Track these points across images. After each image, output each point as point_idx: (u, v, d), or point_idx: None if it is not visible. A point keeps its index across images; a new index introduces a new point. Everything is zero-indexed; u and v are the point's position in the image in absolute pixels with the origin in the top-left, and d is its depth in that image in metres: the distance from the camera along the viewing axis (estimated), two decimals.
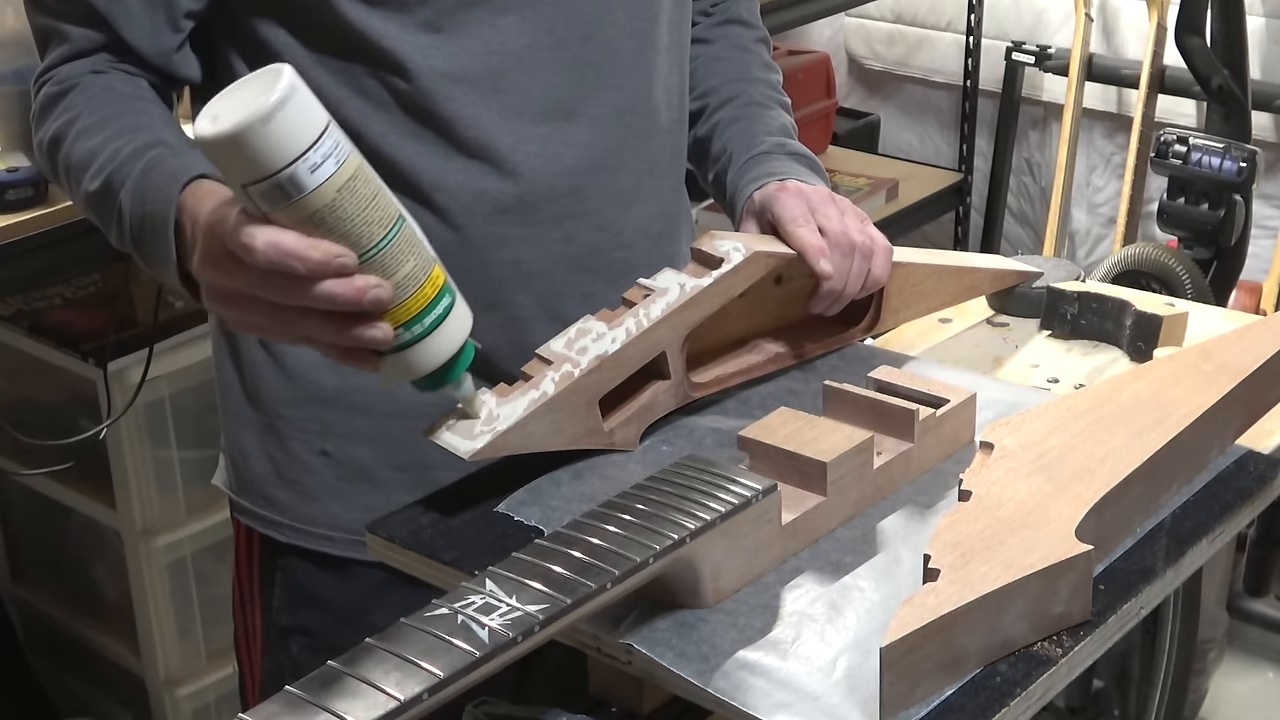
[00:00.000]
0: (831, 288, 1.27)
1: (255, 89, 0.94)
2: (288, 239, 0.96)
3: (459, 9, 1.21)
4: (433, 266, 1.03)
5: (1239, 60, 2.71)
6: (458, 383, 1.07)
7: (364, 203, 0.97)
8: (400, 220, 1.00)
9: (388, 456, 1.30)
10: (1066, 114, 3.00)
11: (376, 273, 0.99)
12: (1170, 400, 1.15)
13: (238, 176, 0.96)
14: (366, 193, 0.98)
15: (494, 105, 1.24)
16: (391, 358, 1.04)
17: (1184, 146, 2.56)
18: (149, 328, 2.09)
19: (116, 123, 1.19)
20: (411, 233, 1.01)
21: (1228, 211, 2.55)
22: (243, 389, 1.35)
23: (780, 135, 1.40)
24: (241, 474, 1.38)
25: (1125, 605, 1.00)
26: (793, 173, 1.33)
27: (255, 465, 1.35)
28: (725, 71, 1.45)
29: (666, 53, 1.34)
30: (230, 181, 0.98)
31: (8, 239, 1.87)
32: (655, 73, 1.33)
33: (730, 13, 1.50)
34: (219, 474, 1.43)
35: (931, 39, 3.38)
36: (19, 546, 2.52)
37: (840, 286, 1.27)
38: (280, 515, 1.35)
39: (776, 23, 2.76)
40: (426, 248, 1.03)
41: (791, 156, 1.37)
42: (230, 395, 1.37)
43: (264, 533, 1.36)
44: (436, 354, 1.05)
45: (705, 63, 1.45)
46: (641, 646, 0.95)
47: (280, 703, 0.77)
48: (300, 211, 0.96)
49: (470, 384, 1.08)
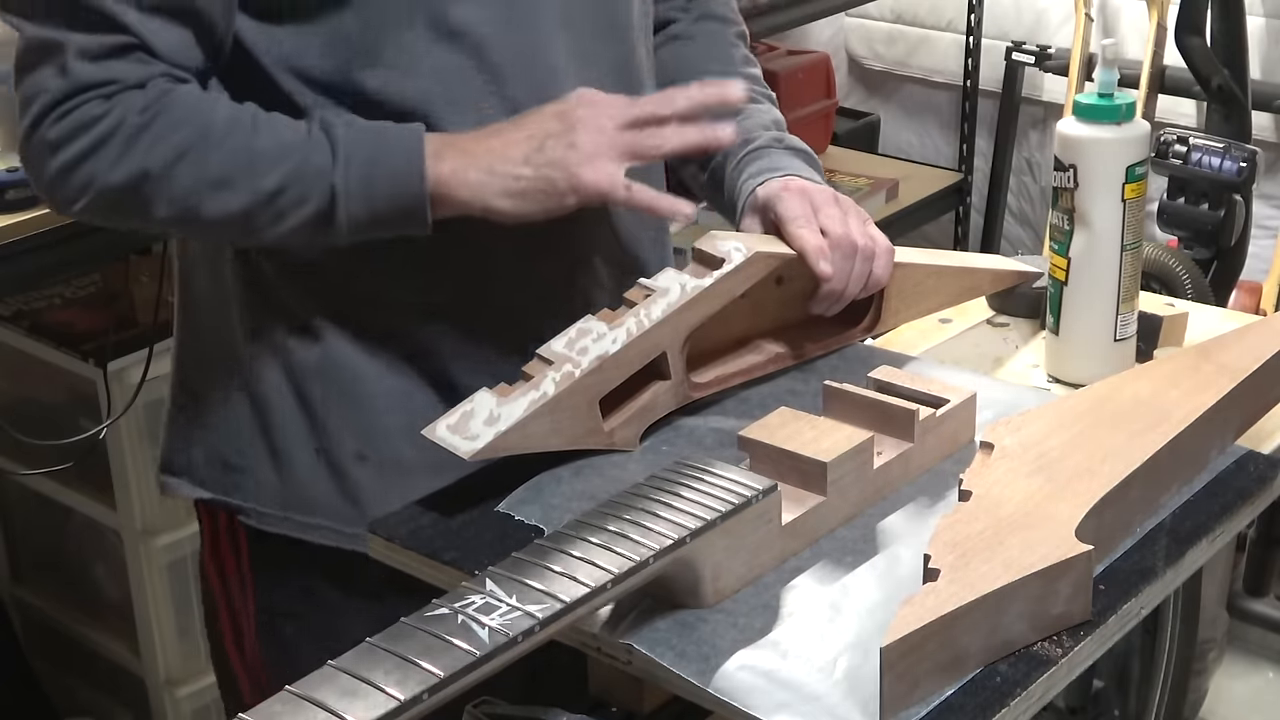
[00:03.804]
0: (832, 289, 1.27)
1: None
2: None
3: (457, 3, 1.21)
4: None
5: (1239, 60, 2.71)
6: None
7: None
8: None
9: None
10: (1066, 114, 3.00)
11: None
12: (1170, 400, 1.15)
13: None
14: None
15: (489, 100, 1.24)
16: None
17: (1184, 146, 2.56)
18: (149, 328, 2.09)
19: (248, 116, 1.18)
20: None
21: (1228, 211, 2.55)
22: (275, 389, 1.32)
23: (773, 128, 1.39)
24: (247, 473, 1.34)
25: (1125, 605, 1.00)
26: (793, 168, 1.33)
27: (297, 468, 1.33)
28: (707, 67, 1.43)
29: (637, 33, 1.34)
30: None
31: (8, 239, 1.87)
32: (633, 51, 1.33)
33: (706, 8, 1.48)
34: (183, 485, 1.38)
35: (931, 39, 3.38)
36: (19, 546, 2.52)
37: (841, 287, 1.27)
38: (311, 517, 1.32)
39: (776, 23, 2.75)
40: None
41: (789, 151, 1.37)
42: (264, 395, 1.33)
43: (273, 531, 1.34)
44: None
45: (688, 60, 1.44)
46: (641, 646, 0.95)
47: (280, 702, 0.77)
48: None
49: None
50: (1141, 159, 1.30)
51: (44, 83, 1.17)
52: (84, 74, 1.16)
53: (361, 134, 1.19)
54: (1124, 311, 1.33)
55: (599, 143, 1.17)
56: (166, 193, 1.18)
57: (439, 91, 1.23)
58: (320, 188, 1.17)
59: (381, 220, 1.19)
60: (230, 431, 1.35)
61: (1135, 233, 1.31)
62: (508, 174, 1.17)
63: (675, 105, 1.20)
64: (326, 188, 1.17)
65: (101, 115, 1.16)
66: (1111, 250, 1.31)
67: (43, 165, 1.19)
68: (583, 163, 1.17)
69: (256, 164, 1.17)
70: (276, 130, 1.19)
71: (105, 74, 1.16)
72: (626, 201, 1.18)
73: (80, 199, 1.19)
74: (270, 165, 1.17)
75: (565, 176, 1.17)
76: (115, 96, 1.16)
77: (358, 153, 1.18)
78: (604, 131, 1.17)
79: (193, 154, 1.17)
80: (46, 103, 1.17)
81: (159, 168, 1.17)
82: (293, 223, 1.19)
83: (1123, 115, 1.29)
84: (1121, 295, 1.32)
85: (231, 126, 1.18)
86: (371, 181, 1.18)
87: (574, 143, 1.17)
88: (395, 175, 1.17)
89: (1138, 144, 1.30)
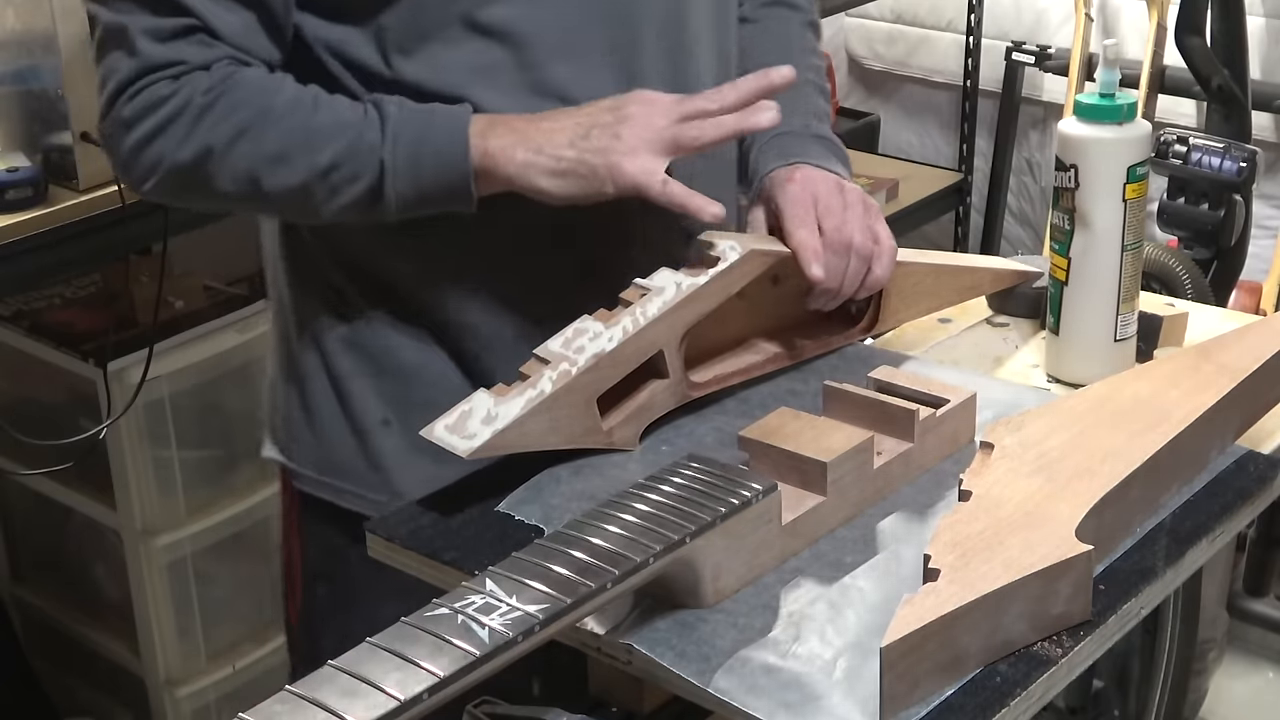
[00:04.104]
0: (824, 289, 1.27)
1: None
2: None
3: (493, 3, 1.24)
4: None
5: (1239, 60, 2.71)
6: None
7: None
8: None
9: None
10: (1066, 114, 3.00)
11: None
12: (1170, 400, 1.15)
13: None
14: None
15: (525, 95, 1.27)
16: None
17: (1184, 146, 2.56)
18: (149, 328, 2.09)
19: (309, 96, 1.23)
20: None
21: (1228, 211, 2.55)
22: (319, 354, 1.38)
23: (808, 117, 1.39)
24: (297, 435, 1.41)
25: (1125, 605, 1.00)
26: (811, 156, 1.33)
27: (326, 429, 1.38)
28: (765, 52, 1.45)
29: (704, 36, 1.35)
30: None
31: (8, 239, 1.87)
32: (690, 56, 1.34)
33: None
34: (268, 447, 1.47)
35: (931, 39, 3.38)
36: (19, 546, 2.52)
37: (834, 286, 1.27)
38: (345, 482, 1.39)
39: None
40: None
41: (815, 139, 1.37)
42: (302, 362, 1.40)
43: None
44: None
45: (747, 43, 1.46)
46: (641, 646, 0.95)
47: (280, 702, 0.77)
48: None
49: None
50: (1142, 159, 1.30)
51: (116, 64, 1.23)
52: (152, 54, 1.22)
53: (411, 114, 1.23)
54: (1124, 311, 1.33)
55: (643, 137, 1.20)
56: (229, 169, 1.23)
57: (474, 82, 1.26)
58: (371, 164, 1.22)
59: (428, 197, 1.23)
60: (283, 395, 1.42)
61: (1136, 233, 1.31)
62: (552, 154, 1.20)
63: (724, 100, 1.23)
64: (376, 164, 1.22)
65: (169, 95, 1.22)
66: (1112, 250, 1.31)
67: (118, 144, 1.25)
68: (625, 154, 1.19)
69: (313, 140, 1.22)
70: (335, 109, 1.23)
71: (172, 54, 1.21)
72: (661, 196, 1.20)
73: (151, 177, 1.25)
74: (325, 142, 1.22)
75: (606, 165, 1.19)
76: (182, 78, 1.22)
77: (406, 131, 1.22)
78: (651, 128, 1.20)
79: (253, 131, 1.22)
80: (119, 83, 1.23)
81: (221, 145, 1.22)
82: (346, 199, 1.23)
83: (1124, 115, 1.29)
84: (1122, 295, 1.32)
85: (293, 106, 1.23)
86: (418, 158, 1.22)
87: (619, 134, 1.20)
88: (440, 153, 1.21)
89: (1139, 144, 1.30)
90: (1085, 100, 1.30)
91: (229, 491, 2.30)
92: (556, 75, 1.28)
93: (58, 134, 1.93)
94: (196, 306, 2.26)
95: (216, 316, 2.25)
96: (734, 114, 1.22)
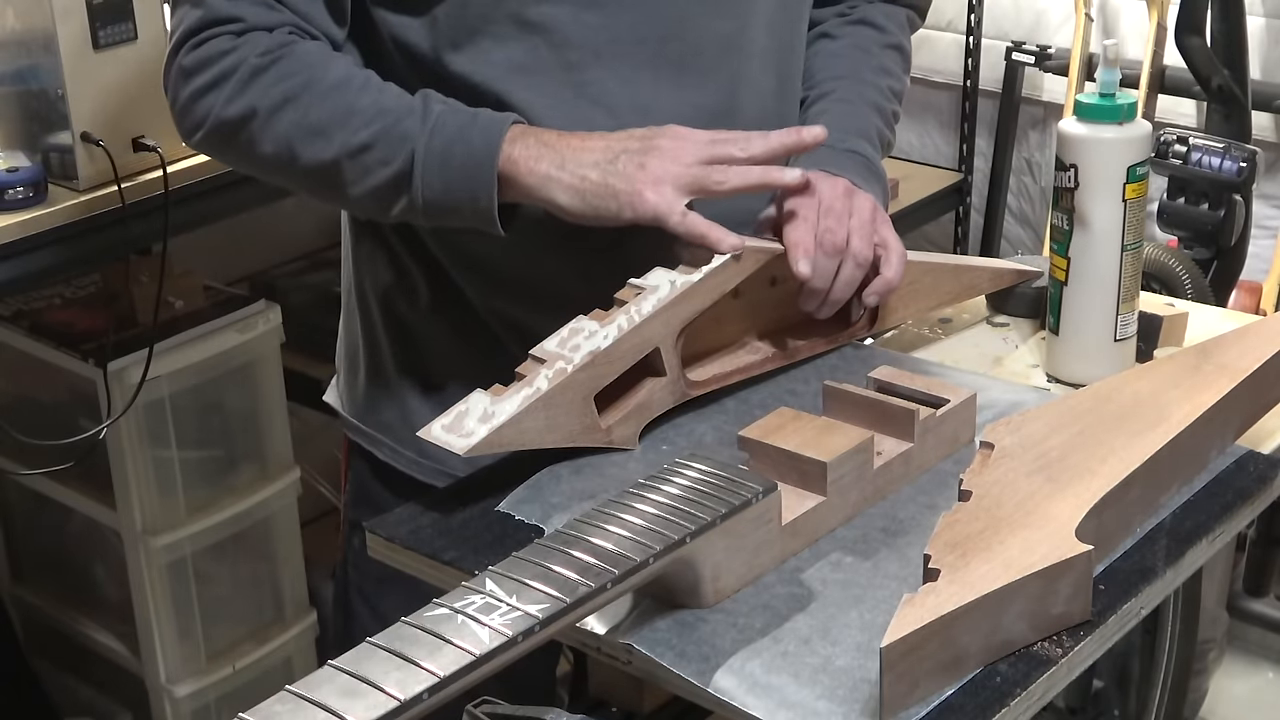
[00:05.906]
0: (813, 288, 1.26)
1: None
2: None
3: (541, 2, 1.26)
4: None
5: (1239, 60, 2.71)
6: None
7: None
8: None
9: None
10: (1066, 114, 3.00)
11: None
12: (1170, 400, 1.15)
13: None
14: None
15: (568, 98, 1.28)
16: None
17: (1184, 146, 2.56)
18: (149, 328, 2.09)
19: (360, 78, 1.26)
20: None
21: (1228, 211, 2.54)
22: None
23: (852, 135, 1.39)
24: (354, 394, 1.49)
25: (1125, 605, 1.00)
26: (836, 167, 1.33)
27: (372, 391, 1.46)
28: (834, 68, 1.45)
29: (760, 56, 1.36)
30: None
31: (8, 239, 1.87)
32: (742, 76, 1.35)
33: (864, 14, 1.50)
34: (331, 392, 1.55)
35: (931, 39, 3.38)
36: (19, 546, 2.52)
37: (822, 287, 1.26)
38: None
39: None
40: None
41: (849, 154, 1.36)
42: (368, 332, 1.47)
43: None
44: None
45: (822, 58, 1.47)
46: (641, 646, 0.95)
47: (280, 702, 0.77)
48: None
49: None
50: (1142, 159, 1.30)
51: (185, 14, 1.28)
52: (217, 7, 1.26)
53: (455, 114, 1.24)
54: (1124, 311, 1.33)
55: (669, 170, 1.21)
56: (271, 134, 1.25)
57: (516, 79, 1.28)
58: (403, 152, 1.23)
59: (453, 195, 1.24)
60: (341, 340, 1.51)
61: (1136, 233, 1.31)
62: (576, 173, 1.21)
63: (752, 151, 1.24)
64: (409, 153, 1.23)
65: (228, 50, 1.26)
66: (1112, 250, 1.31)
67: (177, 92, 1.29)
68: (648, 183, 1.20)
69: (352, 119, 1.24)
70: (382, 94, 1.26)
71: (235, 10, 1.26)
72: (679, 227, 1.21)
73: (199, 130, 1.29)
74: (364, 122, 1.24)
75: (627, 191, 1.20)
76: (244, 35, 1.26)
77: (446, 128, 1.23)
78: (678, 163, 1.21)
79: (298, 100, 1.24)
80: (185, 31, 1.27)
81: (266, 108, 1.25)
82: (374, 182, 1.25)
83: (1124, 115, 1.29)
84: (1122, 295, 1.32)
85: (342, 83, 1.25)
86: (449, 155, 1.23)
87: (645, 164, 1.21)
88: (471, 152, 1.23)
89: (1139, 144, 1.30)
90: (1085, 100, 1.30)
91: (229, 491, 2.30)
92: (599, 81, 1.29)
93: (58, 134, 1.93)
94: (196, 306, 2.26)
95: (216, 316, 2.25)
96: (760, 167, 1.24)
